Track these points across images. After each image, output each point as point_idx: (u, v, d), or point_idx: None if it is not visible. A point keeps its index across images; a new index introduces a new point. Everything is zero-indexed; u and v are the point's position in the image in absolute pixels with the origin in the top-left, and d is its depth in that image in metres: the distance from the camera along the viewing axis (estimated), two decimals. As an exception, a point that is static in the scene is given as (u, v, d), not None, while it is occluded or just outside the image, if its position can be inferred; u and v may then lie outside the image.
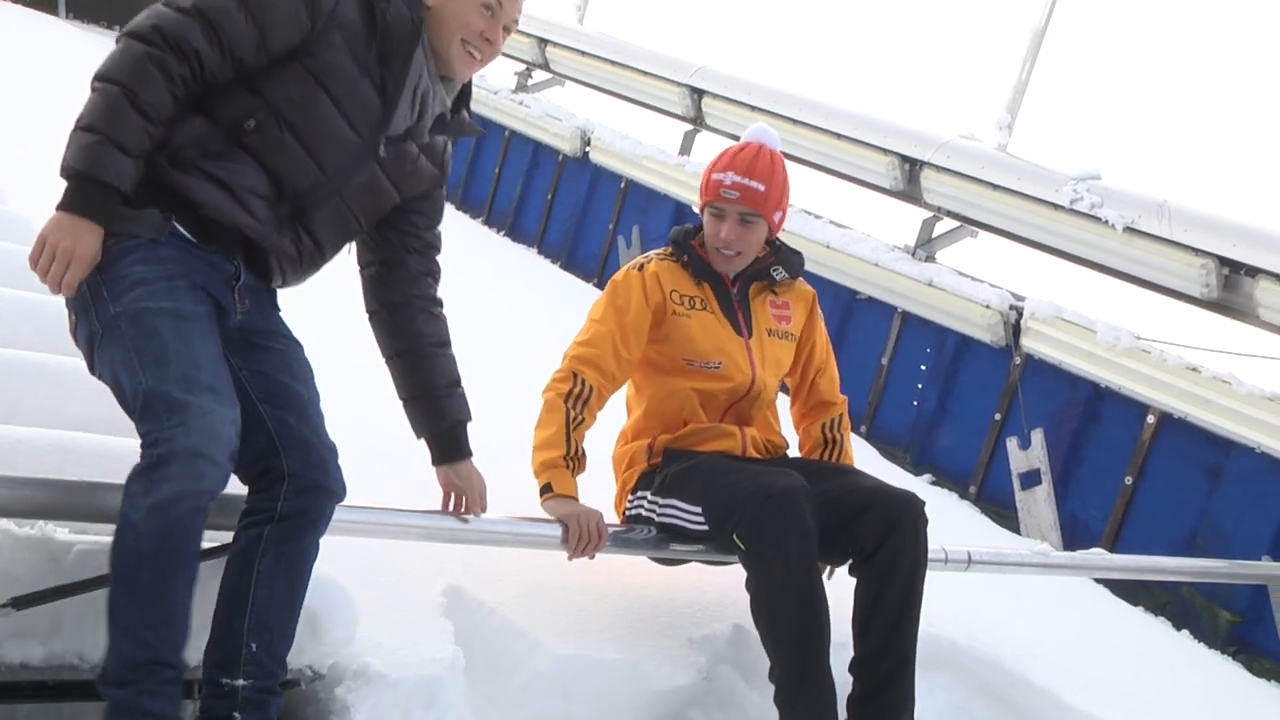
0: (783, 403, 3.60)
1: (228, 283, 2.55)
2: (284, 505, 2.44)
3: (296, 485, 2.44)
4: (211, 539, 2.55)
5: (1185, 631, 5.14)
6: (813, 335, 3.57)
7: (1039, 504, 5.90)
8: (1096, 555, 4.66)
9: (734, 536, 3.03)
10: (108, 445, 2.87)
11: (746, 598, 3.05)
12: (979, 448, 6.30)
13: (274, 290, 2.75)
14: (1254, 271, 5.60)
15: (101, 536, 2.57)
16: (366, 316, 2.92)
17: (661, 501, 3.26)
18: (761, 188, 3.32)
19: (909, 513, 3.13)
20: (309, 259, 2.72)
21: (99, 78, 2.40)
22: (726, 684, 3.27)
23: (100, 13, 15.58)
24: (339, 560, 2.88)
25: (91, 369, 2.53)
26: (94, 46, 12.51)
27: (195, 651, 2.38)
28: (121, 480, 2.56)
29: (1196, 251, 5.77)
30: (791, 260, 3.49)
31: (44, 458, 2.71)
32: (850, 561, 3.21)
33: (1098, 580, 5.22)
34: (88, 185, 2.35)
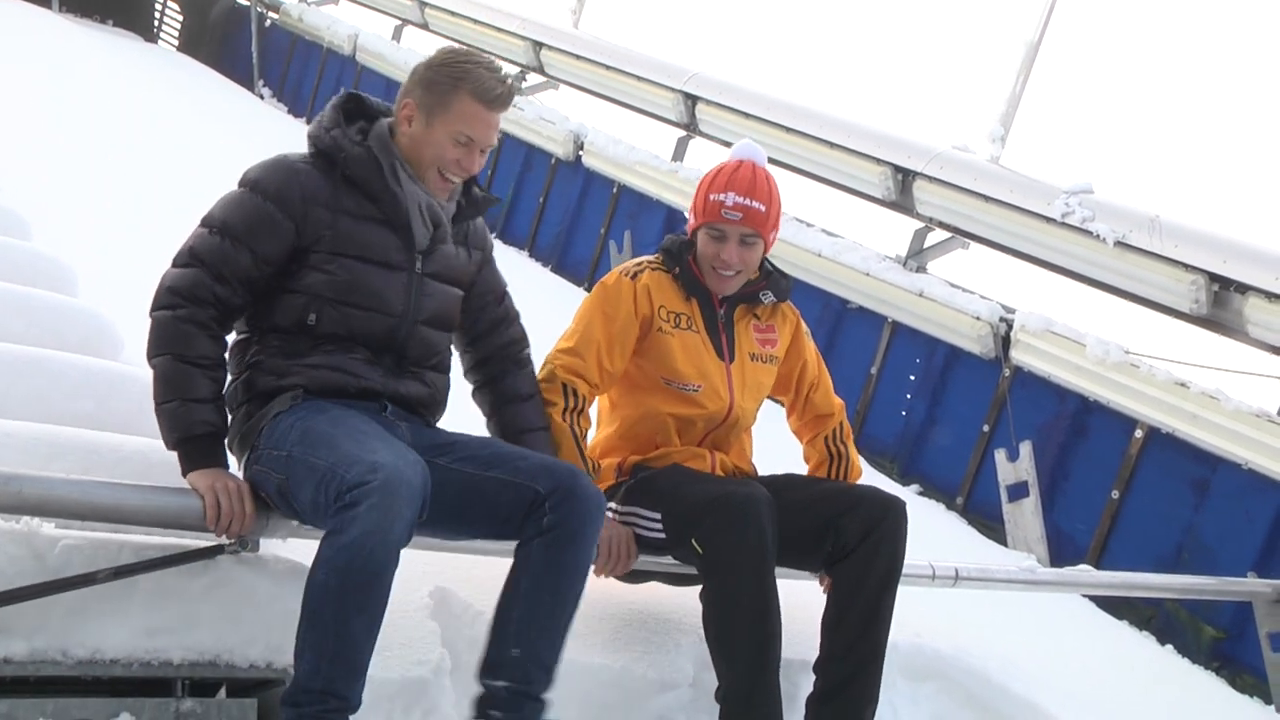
0: (774, 422, 3.59)
1: (378, 414, 2.75)
2: (548, 519, 2.62)
3: (553, 500, 2.63)
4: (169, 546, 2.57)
5: (1169, 646, 5.16)
6: (802, 354, 3.51)
7: (1026, 516, 5.91)
8: (1083, 572, 4.66)
9: (692, 541, 3.01)
10: (95, 440, 2.86)
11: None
12: (967, 459, 6.32)
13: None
14: (1243, 288, 5.62)
15: (87, 532, 2.56)
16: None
17: (623, 510, 3.22)
18: (763, 208, 3.27)
19: (891, 514, 3.12)
20: (439, 387, 2.92)
21: (149, 357, 2.64)
22: (712, 691, 3.26)
23: (93, 6, 15.53)
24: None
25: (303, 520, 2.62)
26: (88, 41, 12.49)
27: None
28: (109, 476, 2.56)
29: (1187, 267, 5.79)
30: (781, 285, 3.42)
31: (31, 452, 2.69)
32: (825, 570, 3.20)
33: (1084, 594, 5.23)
34: (189, 445, 2.60)
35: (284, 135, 11.53)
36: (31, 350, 3.30)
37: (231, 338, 2.80)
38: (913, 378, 6.73)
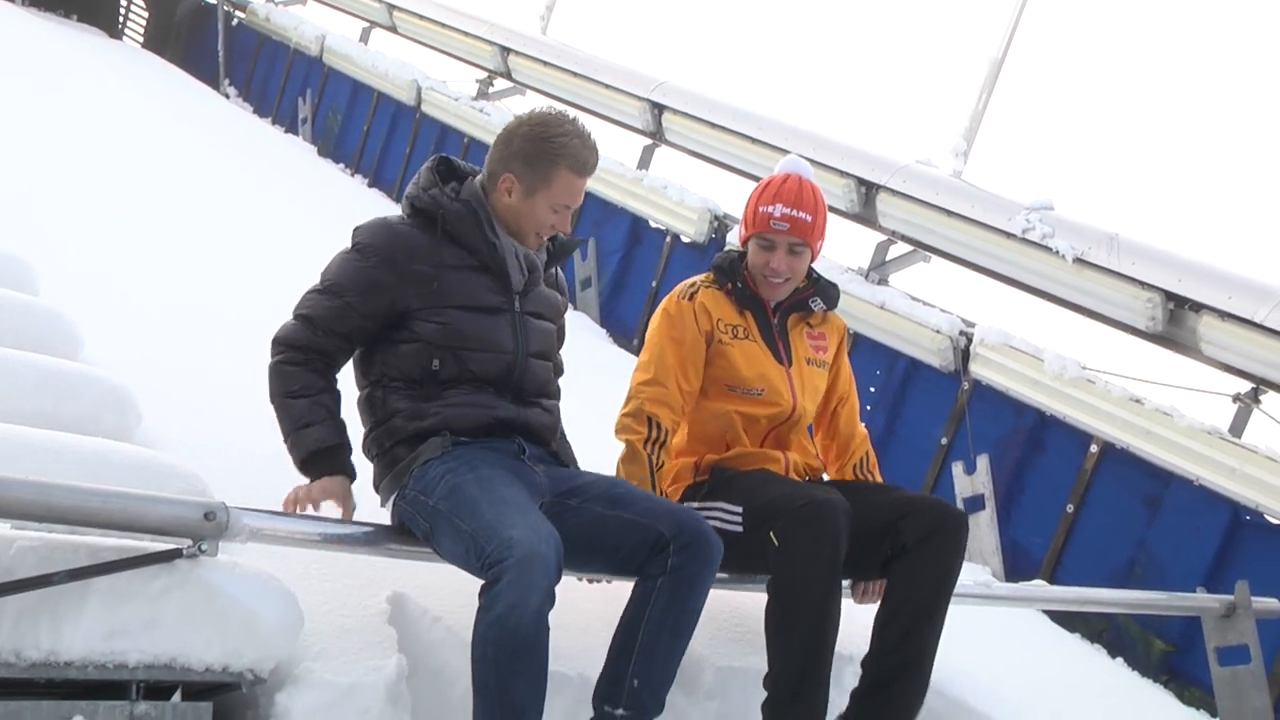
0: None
1: (517, 459, 2.98)
2: (673, 560, 2.85)
3: (678, 543, 2.85)
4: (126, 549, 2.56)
5: (1120, 659, 5.21)
6: (838, 366, 3.65)
7: (982, 529, 5.96)
8: (1038, 587, 4.71)
9: (770, 533, 3.11)
10: (53, 440, 2.85)
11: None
12: (925, 471, 6.36)
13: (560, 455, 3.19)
14: (1198, 307, 5.69)
15: (44, 533, 2.54)
16: None
17: (706, 505, 3.32)
18: (809, 218, 3.45)
19: (953, 520, 3.25)
20: (556, 413, 3.20)
21: (271, 404, 2.96)
22: (667, 696, 3.27)
23: (56, 1, 15.38)
24: (284, 564, 2.88)
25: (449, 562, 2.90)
26: (51, 35, 12.37)
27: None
28: (66, 477, 2.55)
29: (1144, 285, 5.86)
30: (829, 293, 3.58)
31: (-13, 452, 2.67)
32: (882, 572, 3.29)
33: (1036, 605, 5.27)
34: (311, 460, 2.91)
35: (248, 134, 11.46)
36: (-12, 349, 3.28)
37: (357, 393, 3.06)
38: (873, 389, 6.77)
